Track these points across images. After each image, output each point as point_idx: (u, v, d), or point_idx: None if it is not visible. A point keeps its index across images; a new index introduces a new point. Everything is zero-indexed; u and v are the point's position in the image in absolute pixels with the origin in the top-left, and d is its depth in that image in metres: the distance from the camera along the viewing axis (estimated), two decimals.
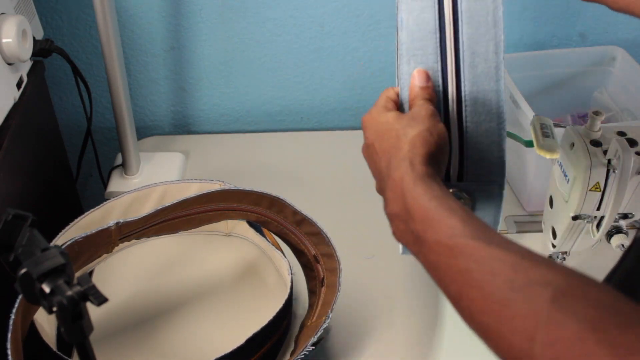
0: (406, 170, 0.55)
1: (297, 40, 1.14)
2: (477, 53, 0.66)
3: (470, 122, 0.65)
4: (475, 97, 0.65)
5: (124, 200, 0.89)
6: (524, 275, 0.43)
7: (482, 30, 0.66)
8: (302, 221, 0.87)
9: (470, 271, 0.46)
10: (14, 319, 0.68)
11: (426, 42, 0.66)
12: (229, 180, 0.92)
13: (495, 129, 0.65)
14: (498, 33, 0.65)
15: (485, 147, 0.66)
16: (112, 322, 0.85)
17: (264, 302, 0.88)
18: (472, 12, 0.66)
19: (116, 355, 0.82)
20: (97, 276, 0.90)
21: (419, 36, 0.66)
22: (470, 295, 0.45)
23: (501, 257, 0.45)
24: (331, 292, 0.81)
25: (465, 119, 0.66)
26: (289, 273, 0.83)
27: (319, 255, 0.86)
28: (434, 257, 0.50)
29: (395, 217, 0.56)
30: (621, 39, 1.16)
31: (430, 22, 0.66)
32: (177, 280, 0.92)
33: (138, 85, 1.19)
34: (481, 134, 0.65)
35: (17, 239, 0.47)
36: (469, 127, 0.65)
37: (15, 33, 0.83)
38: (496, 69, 0.65)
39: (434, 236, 0.50)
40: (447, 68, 0.66)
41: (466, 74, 0.66)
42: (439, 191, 0.53)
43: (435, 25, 0.66)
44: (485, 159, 0.66)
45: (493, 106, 0.65)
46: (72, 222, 0.83)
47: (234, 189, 0.88)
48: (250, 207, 0.89)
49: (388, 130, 0.60)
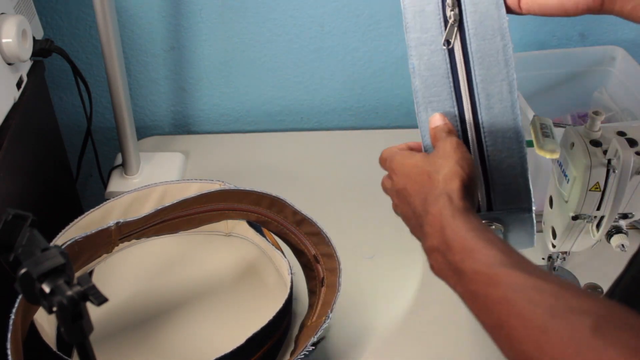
0: (444, 204, 0.56)
1: (297, 40, 1.14)
2: (492, 94, 0.67)
3: (493, 159, 0.67)
4: (495, 137, 0.67)
5: (124, 200, 0.89)
6: (564, 303, 0.43)
7: (494, 70, 0.66)
8: (302, 221, 0.87)
9: (510, 300, 0.46)
10: (14, 319, 0.68)
11: (440, 87, 0.67)
12: (229, 180, 0.91)
13: (518, 162, 0.67)
14: (510, 72, 0.66)
15: (511, 180, 0.67)
16: (112, 322, 0.85)
17: (264, 302, 0.88)
18: (482, 52, 0.66)
19: (116, 355, 0.82)
20: (97, 276, 0.90)
21: (432, 82, 0.67)
22: (510, 324, 0.45)
23: (541, 287, 0.45)
24: (331, 292, 0.81)
25: (488, 158, 0.67)
26: (289, 273, 0.83)
27: (319, 255, 0.86)
28: (473, 286, 0.50)
29: (434, 250, 0.56)
30: (621, 39, 1.16)
31: (441, 66, 0.67)
32: (177, 280, 0.92)
33: (138, 85, 1.19)
34: (504, 169, 0.67)
35: (17, 239, 0.47)
36: (492, 165, 0.67)
37: (15, 33, 0.83)
38: (512, 107, 0.67)
39: (473, 266, 0.50)
40: (464, 112, 0.67)
41: (483, 117, 0.67)
42: (477, 223, 0.54)
43: (447, 69, 0.67)
44: (511, 189, 0.68)
45: (513, 142, 0.67)
46: (72, 222, 0.83)
47: (234, 189, 0.88)
48: (250, 207, 0.89)
49: (419, 173, 0.61)
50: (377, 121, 1.25)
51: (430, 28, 0.67)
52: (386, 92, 1.21)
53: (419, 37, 0.67)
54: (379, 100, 1.22)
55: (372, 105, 1.23)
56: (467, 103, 0.67)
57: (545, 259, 0.95)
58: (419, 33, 0.67)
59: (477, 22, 0.66)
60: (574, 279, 0.93)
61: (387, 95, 1.22)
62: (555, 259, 0.90)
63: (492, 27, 0.66)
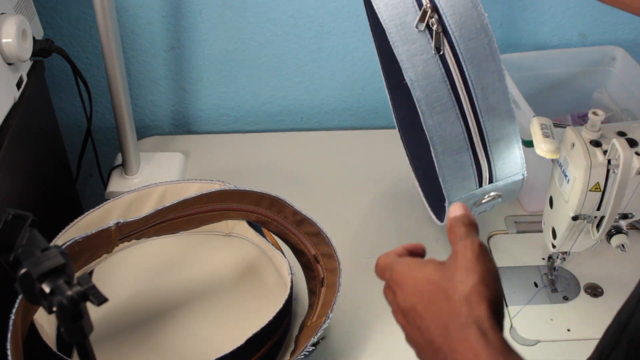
0: (478, 341, 0.45)
1: (297, 40, 1.14)
2: (486, 87, 0.72)
3: (492, 142, 0.75)
4: (492, 124, 0.74)
5: (124, 200, 0.89)
6: None
7: (484, 65, 0.72)
8: (302, 221, 0.87)
9: None
10: (14, 319, 0.68)
11: (440, 92, 0.72)
12: (229, 180, 0.91)
13: (514, 140, 0.76)
14: (498, 63, 0.72)
15: (506, 155, 0.77)
16: (112, 322, 0.85)
17: (264, 302, 0.88)
18: (471, 52, 0.71)
19: (116, 355, 0.82)
20: (97, 276, 0.90)
21: (431, 89, 0.71)
22: None
23: None
24: (331, 292, 0.81)
25: (488, 141, 0.75)
26: (289, 273, 0.83)
27: (319, 255, 0.86)
28: None
29: None
30: (621, 39, 1.16)
31: (437, 73, 0.71)
32: (177, 281, 0.92)
33: (138, 85, 1.19)
34: (502, 147, 0.76)
35: (17, 239, 0.47)
36: (492, 147, 0.76)
37: (15, 33, 0.83)
38: (504, 94, 0.73)
39: None
40: (464, 109, 0.73)
41: (481, 108, 0.73)
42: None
43: (442, 74, 0.71)
44: (507, 164, 0.77)
45: (507, 125, 0.75)
46: (72, 222, 0.83)
47: (234, 189, 0.88)
48: (250, 207, 0.89)
49: (432, 290, 0.50)
50: (377, 121, 1.25)
51: (416, 39, 0.69)
52: (386, 92, 1.21)
53: (409, 50, 0.71)
54: (379, 100, 1.22)
55: (372, 105, 1.23)
56: (465, 101, 0.72)
57: (545, 259, 0.95)
58: (407, 45, 0.70)
59: (459, 25, 0.70)
60: (574, 279, 0.93)
61: (387, 95, 1.22)
62: (555, 259, 0.90)
63: (475, 27, 0.70)
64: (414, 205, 1.03)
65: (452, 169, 0.76)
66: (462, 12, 0.70)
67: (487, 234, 0.99)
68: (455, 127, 0.73)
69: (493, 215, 1.02)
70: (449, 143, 0.74)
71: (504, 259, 0.95)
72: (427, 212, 0.95)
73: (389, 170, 1.11)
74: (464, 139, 0.74)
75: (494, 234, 0.99)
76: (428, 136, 0.72)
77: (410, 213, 1.03)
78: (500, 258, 0.95)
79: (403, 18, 0.70)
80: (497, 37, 1.14)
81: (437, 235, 0.98)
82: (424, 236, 0.98)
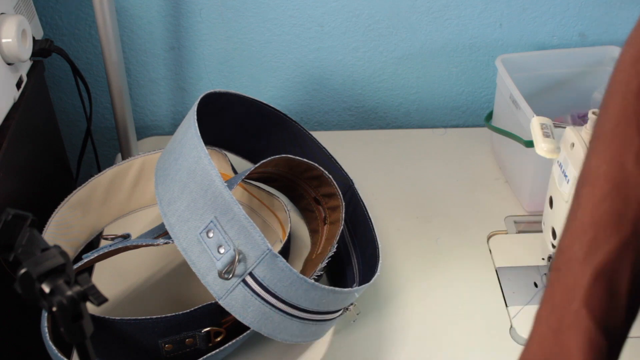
0: None
1: (297, 40, 1.14)
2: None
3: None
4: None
5: (106, 176, 0.95)
6: None
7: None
8: (306, 170, 0.90)
9: None
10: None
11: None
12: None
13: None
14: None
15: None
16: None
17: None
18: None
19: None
20: (97, 276, 0.90)
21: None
22: None
23: None
24: (335, 227, 0.83)
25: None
26: (285, 210, 0.88)
27: (319, 197, 0.89)
28: None
29: None
30: (621, 39, 1.16)
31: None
32: (177, 281, 0.92)
33: (138, 85, 1.19)
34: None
35: (17, 239, 0.47)
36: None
37: (15, 33, 0.83)
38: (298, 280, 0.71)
39: None
40: None
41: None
42: None
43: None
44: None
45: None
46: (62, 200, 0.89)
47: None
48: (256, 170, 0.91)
49: None
50: (377, 121, 1.25)
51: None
52: (386, 92, 1.21)
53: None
54: (379, 100, 1.22)
55: (372, 105, 1.23)
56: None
57: (545, 259, 0.95)
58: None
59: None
60: None
61: (387, 95, 1.22)
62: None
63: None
64: (414, 205, 1.03)
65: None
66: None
67: (487, 234, 0.99)
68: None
69: (493, 215, 1.02)
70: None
71: (503, 259, 0.95)
72: (427, 212, 0.95)
73: (389, 170, 1.11)
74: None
75: (494, 234, 0.99)
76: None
77: (410, 213, 1.03)
78: (500, 258, 0.95)
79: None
80: (497, 37, 1.15)
81: (437, 235, 0.99)
82: (424, 236, 0.98)
